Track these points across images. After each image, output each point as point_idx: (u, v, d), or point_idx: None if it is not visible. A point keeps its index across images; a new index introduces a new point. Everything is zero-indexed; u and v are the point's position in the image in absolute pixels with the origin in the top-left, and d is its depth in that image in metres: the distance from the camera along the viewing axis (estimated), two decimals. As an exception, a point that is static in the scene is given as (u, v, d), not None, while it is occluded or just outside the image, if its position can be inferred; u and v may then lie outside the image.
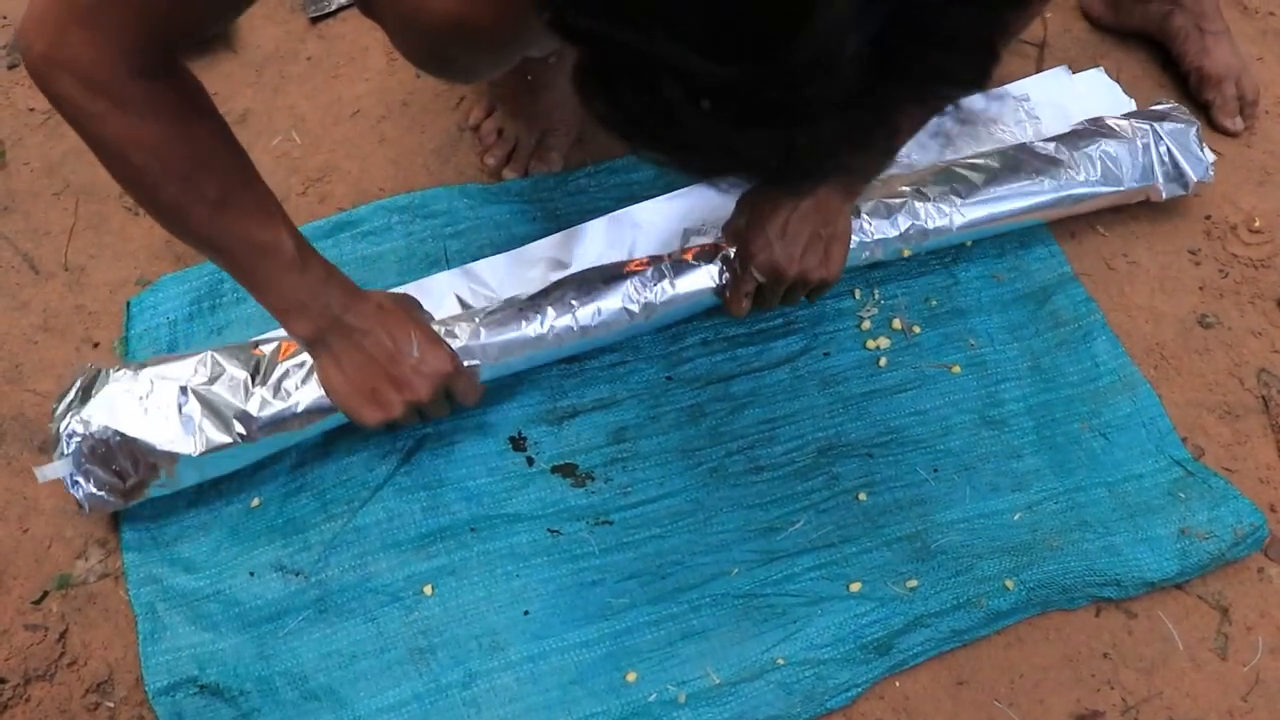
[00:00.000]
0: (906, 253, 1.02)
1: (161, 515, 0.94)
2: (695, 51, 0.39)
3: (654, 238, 1.05)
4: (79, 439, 0.87)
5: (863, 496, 0.96)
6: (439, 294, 1.00)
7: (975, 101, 0.45)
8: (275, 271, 0.79)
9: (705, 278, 0.95)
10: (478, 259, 1.05)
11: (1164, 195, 1.08)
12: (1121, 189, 1.06)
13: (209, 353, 0.90)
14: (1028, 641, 0.92)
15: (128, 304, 1.03)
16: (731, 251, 0.95)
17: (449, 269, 1.04)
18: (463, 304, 1.00)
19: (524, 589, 0.91)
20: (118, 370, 0.90)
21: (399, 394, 0.85)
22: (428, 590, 0.91)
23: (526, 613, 0.91)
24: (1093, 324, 1.05)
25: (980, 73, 0.42)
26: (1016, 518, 0.95)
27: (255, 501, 0.95)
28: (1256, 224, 1.12)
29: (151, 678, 0.87)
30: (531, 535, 0.93)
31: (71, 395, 0.89)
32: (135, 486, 0.89)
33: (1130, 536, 0.93)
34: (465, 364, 0.89)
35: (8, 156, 1.14)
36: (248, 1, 0.72)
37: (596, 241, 1.04)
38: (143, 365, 0.91)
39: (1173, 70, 1.26)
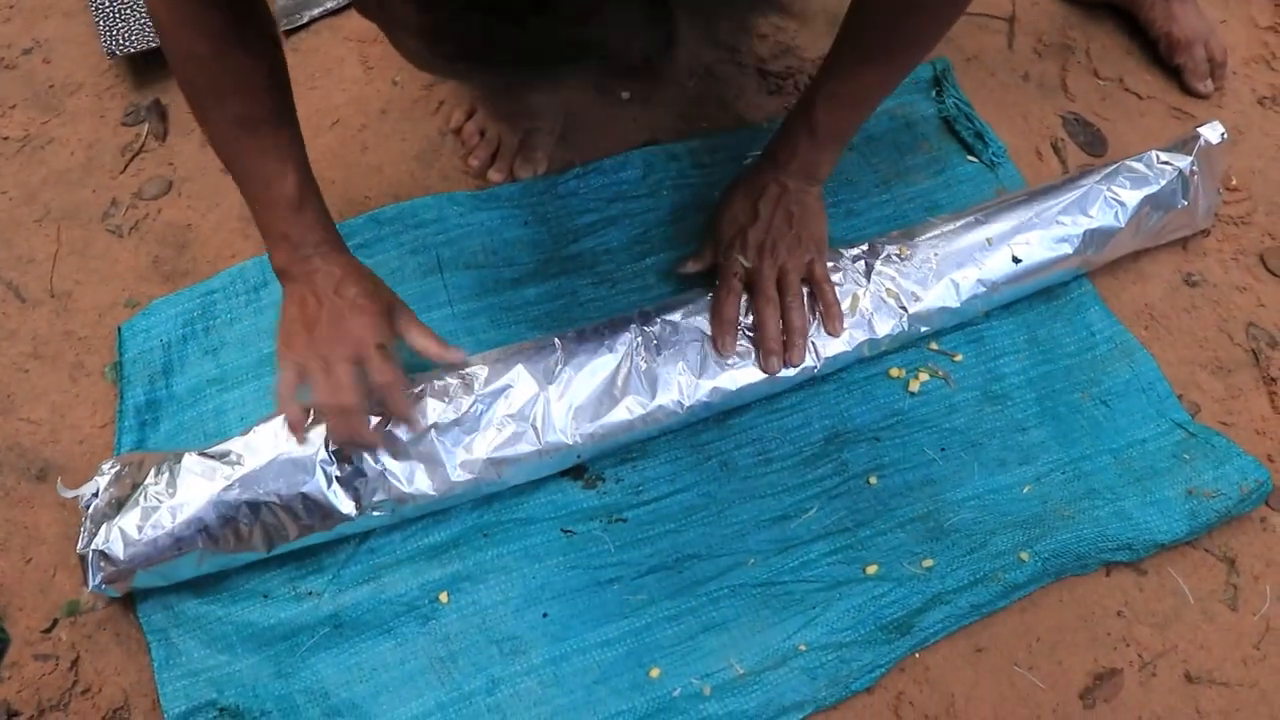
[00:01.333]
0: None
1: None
2: None
3: None
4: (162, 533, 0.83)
5: (873, 480, 0.95)
6: None
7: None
8: (273, 201, 0.84)
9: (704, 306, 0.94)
10: (470, 266, 1.03)
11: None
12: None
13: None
14: (1042, 605, 0.91)
15: (119, 329, 1.00)
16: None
17: (444, 279, 1.02)
18: None
19: (541, 591, 0.89)
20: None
21: (310, 333, 0.84)
22: (444, 598, 0.89)
23: (545, 615, 0.88)
24: (1084, 295, 1.04)
25: None
26: (1026, 490, 0.94)
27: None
28: (1233, 182, 1.12)
29: (169, 704, 0.84)
30: (545, 536, 0.91)
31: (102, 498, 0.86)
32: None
33: (1139, 501, 0.93)
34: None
35: (-16, 186, 1.10)
36: None
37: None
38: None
39: (1141, 38, 1.25)
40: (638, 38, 0.50)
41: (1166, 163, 1.02)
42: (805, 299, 0.94)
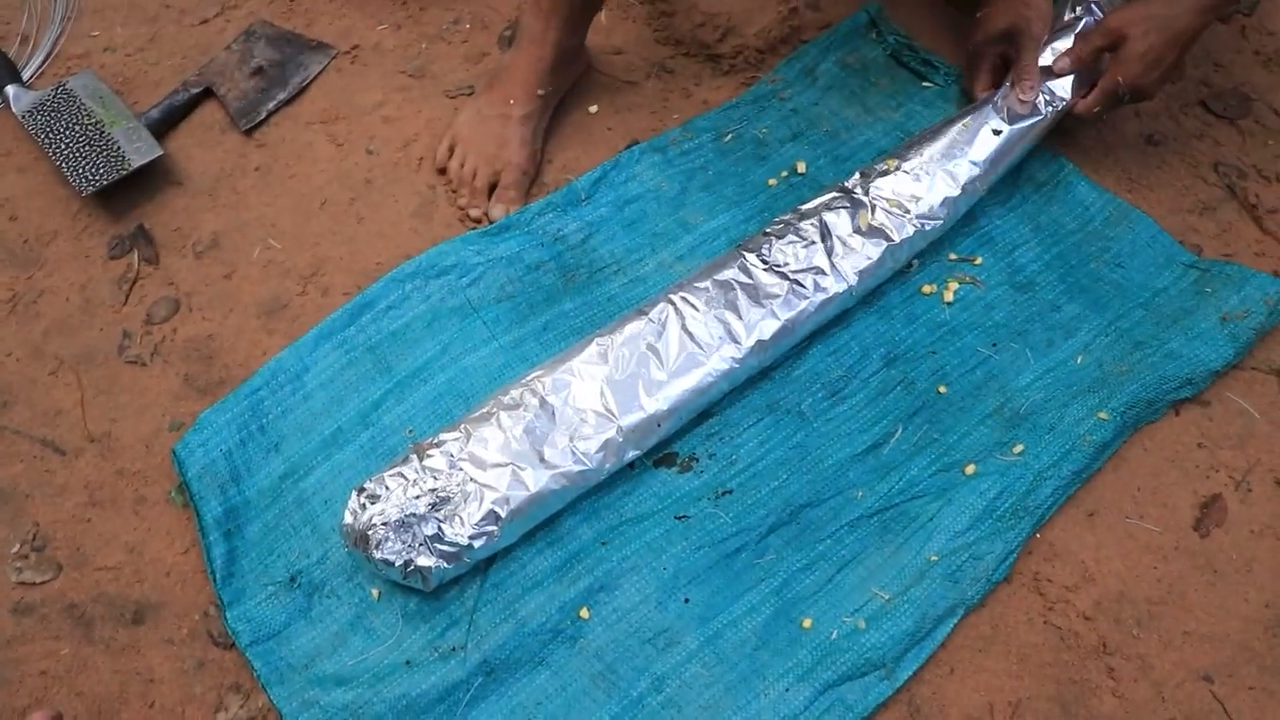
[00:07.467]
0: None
1: (288, 642, 0.86)
2: None
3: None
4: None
5: (942, 389, 0.95)
6: None
7: None
8: None
9: None
10: (501, 299, 1.00)
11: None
12: None
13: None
14: (1130, 459, 0.92)
15: (173, 451, 0.94)
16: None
17: (480, 317, 0.99)
18: None
19: (675, 580, 0.87)
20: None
21: None
22: (585, 614, 0.85)
23: (687, 600, 0.86)
24: (1067, 175, 1.07)
25: None
26: (1079, 361, 0.96)
27: (375, 593, 0.87)
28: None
29: (344, 799, 0.79)
30: (662, 528, 0.89)
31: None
32: None
33: (1183, 339, 0.95)
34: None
35: (-13, 353, 1.02)
36: None
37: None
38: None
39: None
40: None
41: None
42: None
